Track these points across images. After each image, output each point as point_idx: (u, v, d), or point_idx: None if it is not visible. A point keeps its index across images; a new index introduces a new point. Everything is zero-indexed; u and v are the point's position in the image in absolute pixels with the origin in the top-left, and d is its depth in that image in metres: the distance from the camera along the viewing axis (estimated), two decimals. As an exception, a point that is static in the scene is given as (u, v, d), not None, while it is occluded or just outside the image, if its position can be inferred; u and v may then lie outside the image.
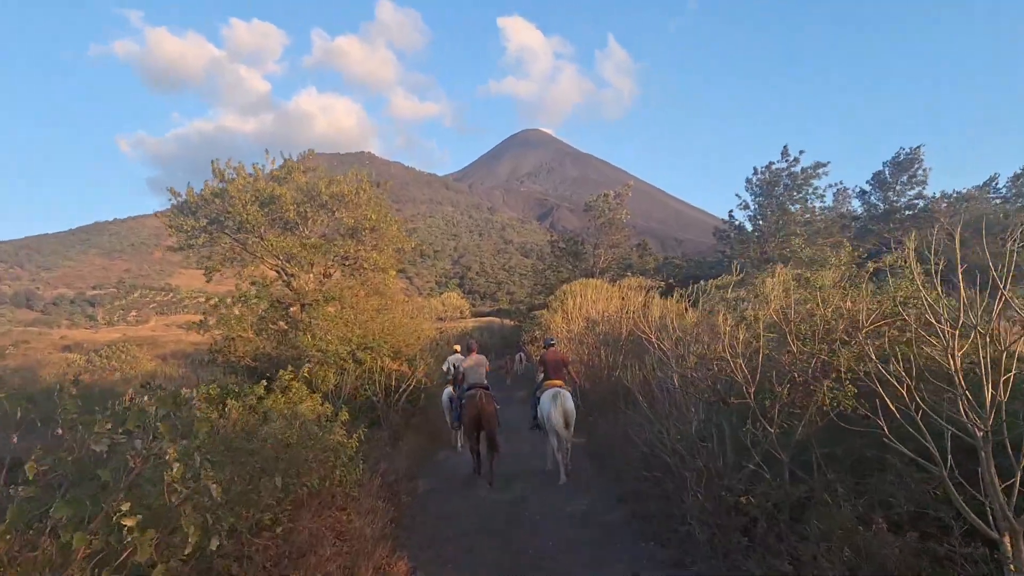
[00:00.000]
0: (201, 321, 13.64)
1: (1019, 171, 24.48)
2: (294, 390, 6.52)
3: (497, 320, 42.93)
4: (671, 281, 14.82)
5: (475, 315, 56.93)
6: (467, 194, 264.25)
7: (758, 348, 4.61)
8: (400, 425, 11.12)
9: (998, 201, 24.64)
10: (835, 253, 16.92)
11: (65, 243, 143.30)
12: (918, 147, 26.76)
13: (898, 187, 27.25)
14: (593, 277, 23.35)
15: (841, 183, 24.33)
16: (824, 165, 23.20)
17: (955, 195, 24.39)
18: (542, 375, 9.05)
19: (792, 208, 22.90)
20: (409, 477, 8.40)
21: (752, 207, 24.73)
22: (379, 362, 10.88)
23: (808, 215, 22.91)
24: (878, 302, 4.51)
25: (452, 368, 10.97)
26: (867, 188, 27.98)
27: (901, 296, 4.27)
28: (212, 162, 12.48)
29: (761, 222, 23.21)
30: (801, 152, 22.91)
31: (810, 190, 22.96)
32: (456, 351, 12.50)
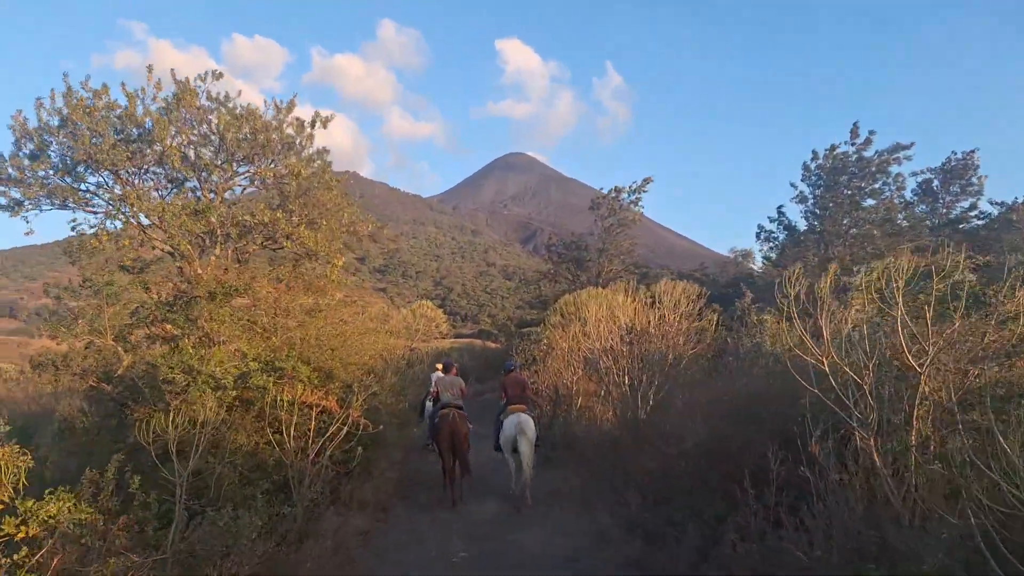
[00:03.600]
0: (54, 317, 9.17)
1: None
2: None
3: (479, 342, 39.19)
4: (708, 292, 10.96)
5: (456, 336, 52.96)
6: (451, 215, 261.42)
7: None
8: (322, 498, 6.76)
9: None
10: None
11: (51, 255, 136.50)
12: (972, 151, 23.04)
13: (948, 198, 23.45)
14: (598, 288, 19.21)
15: (963, 154, 19.92)
16: (907, 147, 18.85)
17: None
18: (504, 400, 8.60)
19: (865, 203, 18.73)
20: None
21: (811, 200, 19.91)
22: (287, 392, 6.57)
23: (886, 211, 18.72)
24: None
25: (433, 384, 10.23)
26: (911, 198, 24.21)
27: None
28: (63, 76, 8.12)
29: (823, 220, 18.85)
30: (872, 133, 19.00)
31: (888, 179, 18.85)
32: (438, 369, 11.00)
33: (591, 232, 25.74)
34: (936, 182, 24.25)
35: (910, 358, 3.54)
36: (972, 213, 22.73)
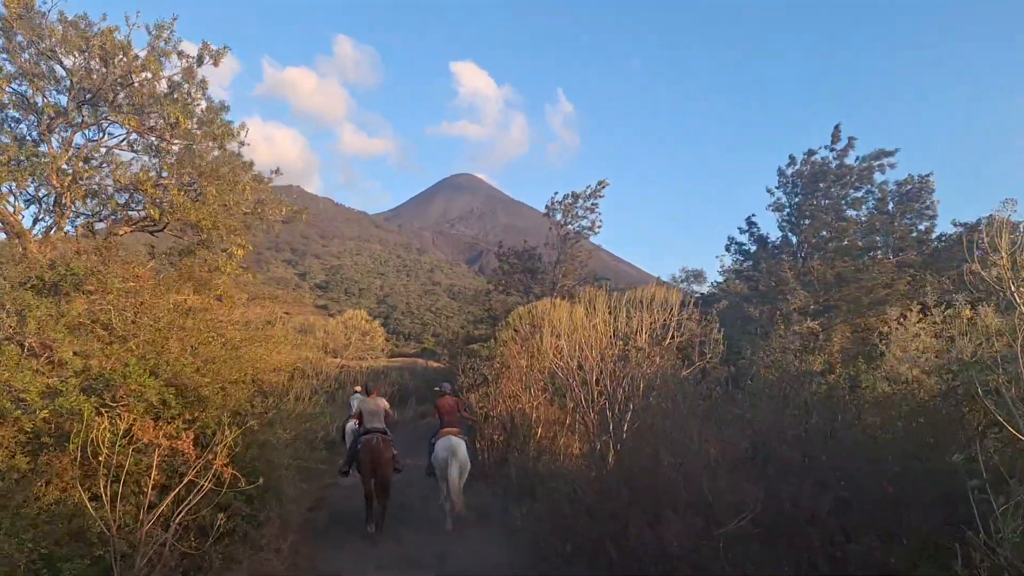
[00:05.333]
0: None
1: None
2: None
3: (421, 361, 36.79)
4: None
5: (399, 355, 50.25)
6: (396, 234, 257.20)
7: None
8: (165, 587, 4.40)
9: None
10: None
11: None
12: (928, 175, 22.60)
13: (904, 222, 22.85)
14: (554, 300, 17.33)
15: (919, 177, 18.73)
16: (890, 154, 17.71)
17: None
18: (437, 422, 8.59)
19: (851, 213, 17.53)
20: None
21: (788, 208, 18.24)
22: (111, 423, 4.25)
23: (871, 225, 17.58)
24: None
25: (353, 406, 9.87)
26: (864, 220, 23.45)
27: None
28: None
29: (803, 230, 17.25)
30: (852, 139, 17.62)
31: (872, 187, 17.89)
32: (357, 391, 10.50)
33: (547, 242, 23.91)
34: (891, 205, 23.71)
35: None
36: (932, 236, 22.16)
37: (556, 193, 23.93)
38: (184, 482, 4.29)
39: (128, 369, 4.71)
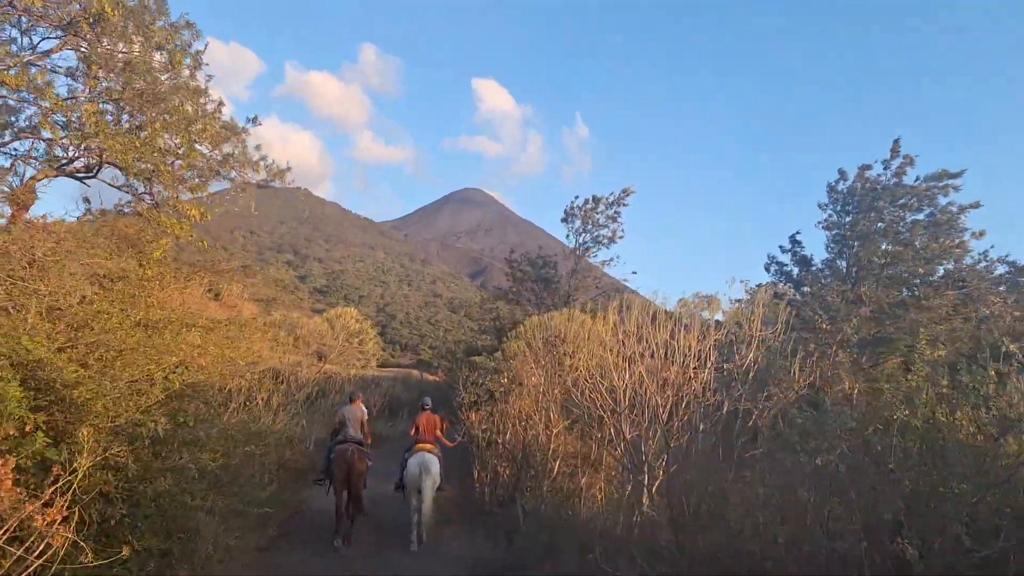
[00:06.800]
0: None
1: None
2: None
3: (416, 372, 35.07)
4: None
5: (392, 365, 48.49)
6: (402, 242, 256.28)
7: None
8: None
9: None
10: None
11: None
12: (964, 209, 20.27)
13: (928, 255, 20.51)
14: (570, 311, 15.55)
15: (940, 209, 16.37)
16: (954, 176, 15.69)
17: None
18: (413, 436, 8.36)
19: (903, 237, 15.44)
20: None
21: (841, 226, 16.25)
22: None
23: (942, 251, 15.27)
24: None
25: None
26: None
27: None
28: None
29: (856, 252, 15.50)
30: (911, 157, 15.74)
31: (934, 210, 15.64)
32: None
33: (562, 254, 22.04)
34: (918, 240, 21.42)
35: None
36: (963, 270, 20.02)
37: (576, 197, 22.06)
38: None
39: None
